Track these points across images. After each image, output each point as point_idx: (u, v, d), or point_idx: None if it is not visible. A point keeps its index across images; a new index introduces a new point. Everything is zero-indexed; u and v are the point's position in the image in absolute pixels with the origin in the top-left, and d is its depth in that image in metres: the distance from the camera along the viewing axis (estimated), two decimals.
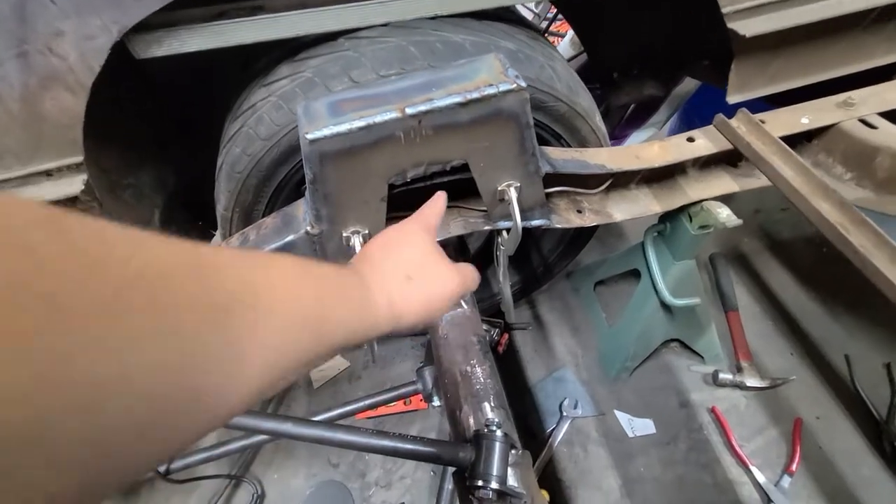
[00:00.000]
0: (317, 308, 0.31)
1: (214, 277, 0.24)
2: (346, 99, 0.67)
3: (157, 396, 0.19)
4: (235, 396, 0.24)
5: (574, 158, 0.93)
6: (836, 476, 1.20)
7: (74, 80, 0.75)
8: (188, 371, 0.21)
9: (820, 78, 1.02)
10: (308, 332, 0.29)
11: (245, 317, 0.24)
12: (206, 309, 0.22)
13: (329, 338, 0.32)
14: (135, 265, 0.19)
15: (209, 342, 0.22)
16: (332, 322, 0.32)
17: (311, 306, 0.30)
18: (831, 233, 0.77)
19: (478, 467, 0.71)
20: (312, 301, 0.31)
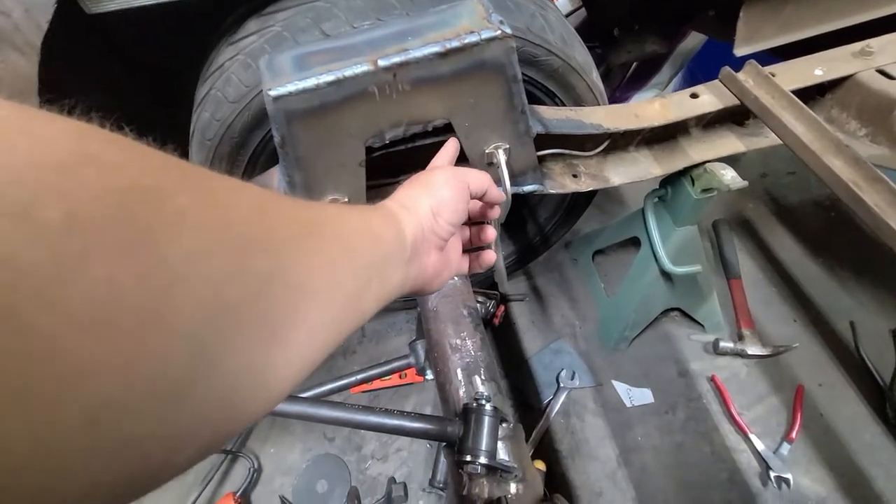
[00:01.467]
0: (362, 222, 0.35)
1: (297, 205, 0.28)
2: (313, 52, 0.61)
3: (289, 292, 0.22)
4: (340, 297, 0.28)
5: (569, 118, 0.86)
6: (837, 443, 1.18)
7: (23, 40, 0.69)
8: (300, 274, 0.24)
9: (836, 25, 0.95)
10: (367, 238, 0.33)
11: (327, 230, 0.28)
12: (301, 226, 0.26)
13: (383, 242, 0.36)
14: (258, 229, 0.22)
15: (311, 250, 0.26)
16: (378, 228, 0.36)
17: (358, 221, 0.34)
18: (844, 192, 0.72)
19: (466, 442, 0.68)
20: (358, 217, 0.34)
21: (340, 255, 0.29)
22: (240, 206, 0.22)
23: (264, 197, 0.25)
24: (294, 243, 0.24)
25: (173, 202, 0.17)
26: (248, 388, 0.20)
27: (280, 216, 0.25)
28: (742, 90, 0.87)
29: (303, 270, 0.24)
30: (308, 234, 0.27)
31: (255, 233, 0.21)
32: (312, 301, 0.25)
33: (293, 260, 0.24)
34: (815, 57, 0.93)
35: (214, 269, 0.18)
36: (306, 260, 0.25)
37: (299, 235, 0.25)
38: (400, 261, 0.38)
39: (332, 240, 0.29)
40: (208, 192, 0.20)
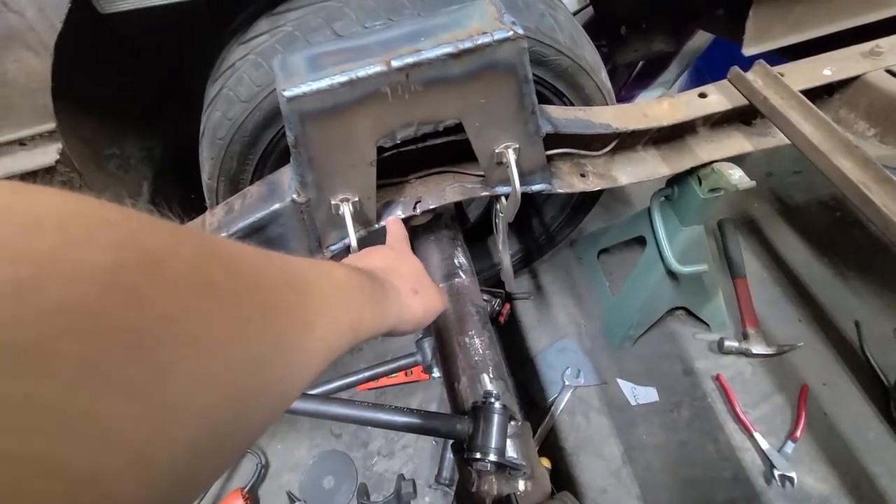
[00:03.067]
0: (357, 314, 0.36)
1: (289, 267, 0.29)
2: (326, 52, 0.61)
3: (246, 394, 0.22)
4: (300, 381, 0.28)
5: (577, 118, 0.87)
6: (841, 442, 1.19)
7: (36, 39, 0.69)
8: (269, 365, 0.24)
9: (845, 25, 0.94)
10: (349, 333, 0.35)
11: (305, 314, 0.28)
12: (289, 292, 0.27)
13: (361, 336, 0.38)
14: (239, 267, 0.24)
15: (283, 334, 0.25)
16: (365, 325, 0.38)
17: (355, 311, 0.36)
18: (852, 192, 0.72)
19: (476, 439, 0.69)
20: (356, 308, 0.37)
21: (334, 312, 0.32)
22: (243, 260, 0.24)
23: (250, 271, 0.25)
24: (267, 310, 0.25)
25: (173, 265, 0.19)
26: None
27: (261, 283, 0.25)
28: (751, 90, 0.87)
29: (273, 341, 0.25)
30: (291, 297, 0.28)
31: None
32: (284, 372, 0.26)
33: (264, 338, 0.24)
34: (823, 57, 0.93)
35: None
36: (275, 327, 0.25)
37: (278, 302, 0.26)
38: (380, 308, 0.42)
39: (317, 307, 0.30)
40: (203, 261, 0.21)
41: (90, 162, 0.91)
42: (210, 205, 0.92)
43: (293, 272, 0.29)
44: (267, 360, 0.23)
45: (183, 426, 0.17)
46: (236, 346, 0.21)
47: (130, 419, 0.15)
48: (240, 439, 0.22)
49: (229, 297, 0.21)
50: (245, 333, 0.22)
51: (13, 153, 0.80)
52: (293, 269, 0.29)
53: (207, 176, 0.87)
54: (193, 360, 0.18)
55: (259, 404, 0.23)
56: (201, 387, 0.18)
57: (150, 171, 1.14)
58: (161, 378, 0.16)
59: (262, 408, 0.24)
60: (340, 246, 0.82)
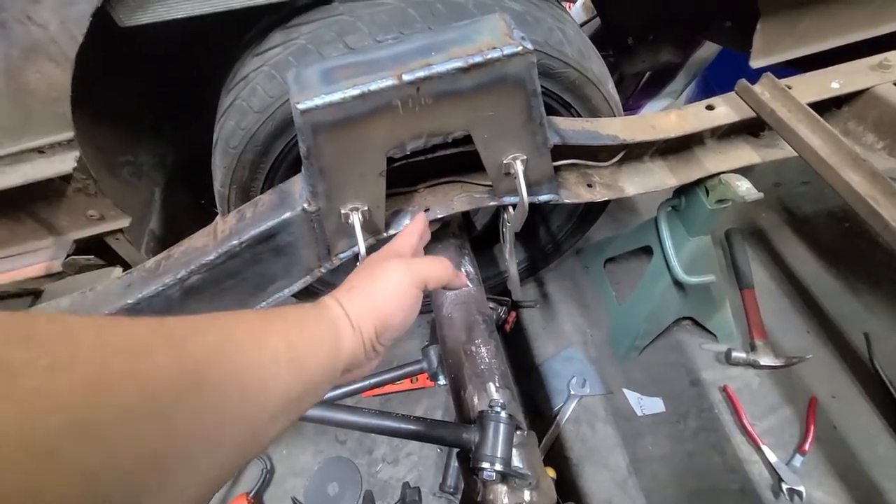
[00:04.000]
0: (287, 352, 0.33)
1: (184, 349, 0.26)
2: (339, 66, 0.63)
3: (142, 476, 0.22)
4: (221, 453, 0.27)
5: (585, 129, 0.87)
6: (851, 456, 1.17)
7: (58, 51, 0.71)
8: (166, 447, 0.23)
9: (855, 38, 0.95)
10: (285, 374, 0.32)
11: (218, 378, 0.26)
12: (180, 380, 0.24)
13: (308, 372, 0.34)
14: (102, 357, 0.21)
15: (187, 411, 0.24)
16: (307, 357, 0.35)
17: (283, 351, 0.32)
18: (861, 206, 0.72)
19: (482, 449, 0.69)
20: (284, 345, 0.33)
21: (233, 402, 0.27)
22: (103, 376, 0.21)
23: (130, 355, 0.23)
24: (156, 412, 0.22)
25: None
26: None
27: (153, 375, 0.23)
28: (758, 103, 0.88)
29: (166, 441, 0.23)
30: (185, 391, 0.24)
31: (83, 420, 0.20)
32: (179, 468, 0.24)
33: (150, 435, 0.22)
34: (831, 70, 0.93)
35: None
36: (172, 430, 0.23)
37: (168, 398, 0.23)
38: (326, 381, 0.37)
39: (222, 387, 0.26)
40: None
41: (105, 169, 0.93)
42: (221, 212, 0.94)
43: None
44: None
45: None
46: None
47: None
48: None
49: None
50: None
51: (32, 160, 0.82)
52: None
53: (219, 184, 0.89)
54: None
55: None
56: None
57: (162, 177, 1.17)
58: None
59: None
60: (349, 254, 0.83)
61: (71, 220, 0.92)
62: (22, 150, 0.80)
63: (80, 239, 0.94)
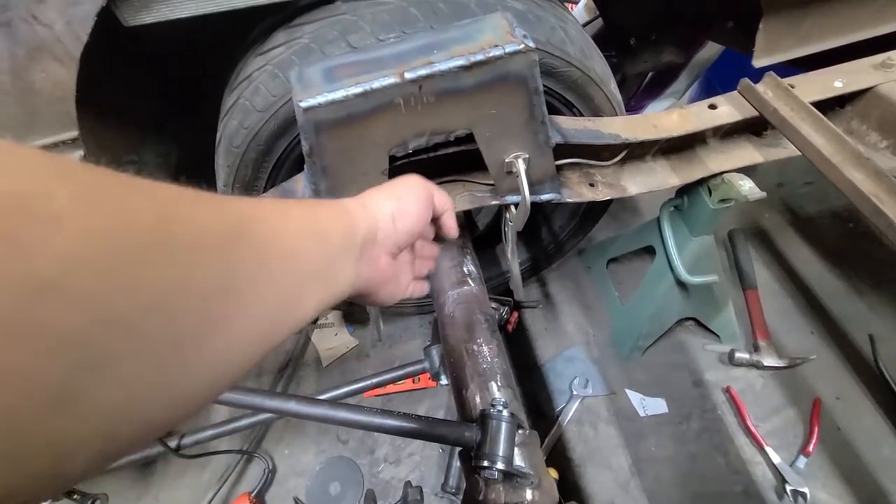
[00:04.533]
0: (310, 220, 0.34)
1: (224, 211, 0.26)
2: (341, 64, 0.63)
3: (205, 306, 0.22)
4: (250, 320, 0.26)
5: (587, 128, 0.87)
6: (855, 457, 1.17)
7: (63, 51, 0.72)
8: (224, 285, 0.23)
9: (857, 37, 0.94)
10: (312, 240, 0.33)
11: (261, 233, 0.27)
12: (229, 228, 0.25)
13: (331, 242, 0.36)
14: (160, 233, 0.21)
15: (239, 257, 0.25)
16: (327, 229, 0.36)
17: (306, 220, 0.34)
18: (864, 205, 0.71)
19: (484, 447, 0.69)
20: (307, 215, 0.34)
21: (273, 258, 0.28)
22: (141, 210, 0.20)
23: (181, 197, 0.23)
24: (213, 248, 0.23)
25: (48, 206, 0.16)
26: (149, 399, 0.20)
27: (197, 218, 0.23)
28: (761, 102, 0.88)
29: (224, 275, 0.23)
30: (234, 235, 0.25)
31: (158, 238, 0.20)
32: (233, 309, 0.24)
33: (210, 265, 0.22)
34: (834, 69, 0.93)
35: (95, 281, 0.17)
36: (228, 264, 0.24)
37: (222, 237, 0.24)
38: (349, 260, 0.38)
39: (262, 242, 0.27)
40: (97, 194, 0.19)
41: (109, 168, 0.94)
42: None
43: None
44: (166, 291, 0.21)
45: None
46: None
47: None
48: (124, 371, 0.19)
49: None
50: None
51: None
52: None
53: (223, 183, 0.89)
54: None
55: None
56: (79, 266, 0.17)
57: (167, 176, 1.17)
58: (18, 249, 0.15)
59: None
60: None
61: None
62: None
63: None
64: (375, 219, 0.41)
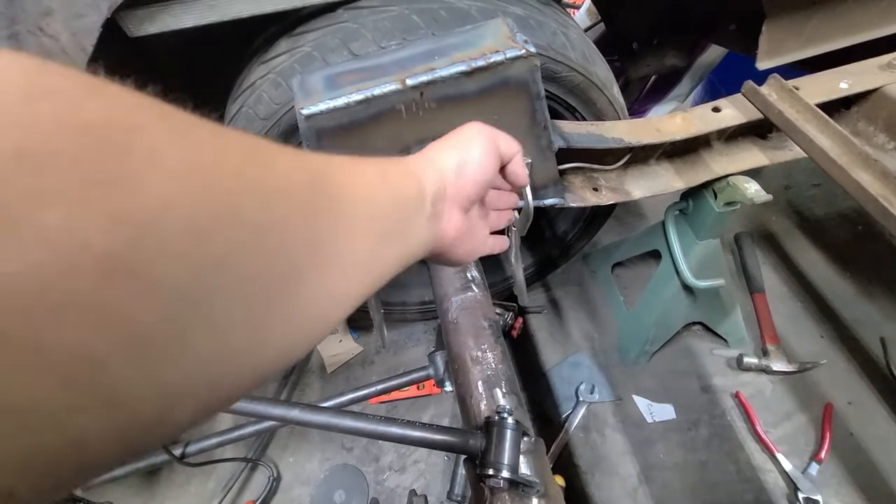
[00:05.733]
0: (378, 175, 0.32)
1: (303, 166, 0.25)
2: (343, 71, 0.63)
3: (266, 273, 0.20)
4: (341, 272, 0.25)
5: (590, 132, 0.87)
6: (869, 463, 1.14)
7: (68, 62, 0.72)
8: (293, 251, 0.21)
9: (862, 38, 0.94)
10: (382, 195, 0.31)
11: (333, 198, 0.26)
12: (313, 176, 0.24)
13: (400, 196, 0.34)
14: (249, 175, 0.20)
15: (321, 207, 0.24)
16: (393, 180, 0.33)
17: (374, 174, 0.32)
18: (872, 206, 0.71)
19: (489, 455, 0.68)
20: (373, 170, 0.32)
21: (354, 207, 0.27)
22: (229, 150, 0.19)
23: (260, 144, 0.22)
24: (296, 194, 0.22)
25: (147, 139, 0.16)
26: (247, 346, 0.19)
27: (279, 164, 0.22)
28: (766, 104, 0.87)
29: (307, 223, 0.23)
30: (313, 184, 0.24)
31: (247, 179, 0.19)
32: (321, 258, 0.23)
33: (295, 212, 0.22)
34: (840, 70, 0.92)
35: (196, 217, 0.16)
36: (311, 212, 0.23)
37: (303, 186, 0.23)
38: (421, 217, 0.36)
39: (342, 191, 0.26)
40: (190, 131, 0.18)
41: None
42: None
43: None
44: (260, 233, 0.20)
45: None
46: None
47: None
48: (224, 316, 0.18)
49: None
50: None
51: None
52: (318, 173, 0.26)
53: None
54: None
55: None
56: (178, 203, 0.16)
57: None
58: (119, 182, 0.14)
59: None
60: None
61: None
62: None
63: None
64: (441, 173, 0.39)
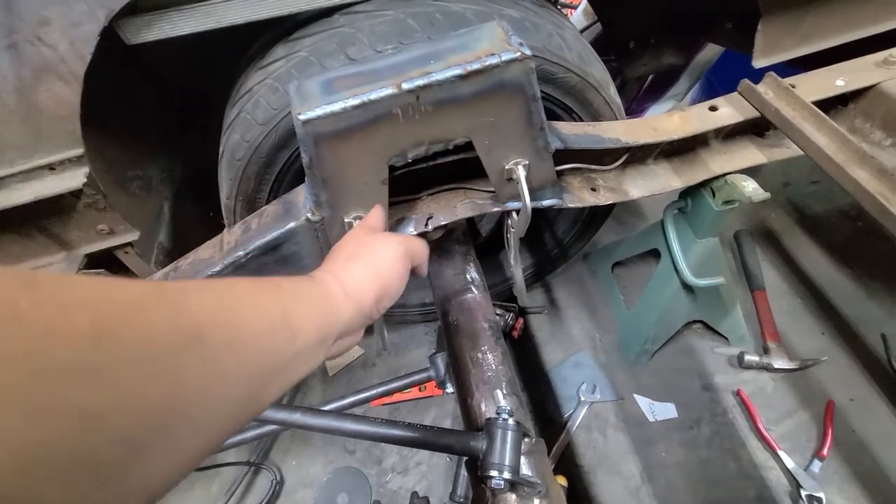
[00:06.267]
0: (281, 316, 0.34)
1: (181, 309, 0.26)
2: (339, 76, 0.63)
3: (143, 425, 0.22)
4: (207, 422, 0.26)
5: (587, 133, 0.87)
6: (871, 460, 1.14)
7: (67, 70, 0.73)
8: (167, 398, 0.23)
9: (858, 35, 0.94)
10: (280, 336, 0.33)
11: (216, 337, 0.27)
12: (179, 337, 0.25)
13: (302, 337, 0.35)
14: (102, 305, 0.21)
15: (187, 365, 0.24)
16: (300, 322, 0.35)
17: (277, 315, 0.33)
18: (870, 203, 0.71)
19: (490, 456, 0.68)
20: (278, 310, 0.34)
21: (229, 363, 0.27)
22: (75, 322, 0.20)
23: (128, 305, 0.23)
24: (156, 360, 0.23)
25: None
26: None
27: (142, 327, 0.23)
28: (762, 102, 0.87)
29: (166, 386, 0.23)
30: (184, 346, 0.25)
31: (91, 356, 0.20)
32: (179, 421, 0.24)
33: (151, 383, 0.22)
34: (836, 67, 0.92)
35: (23, 405, 0.17)
36: (172, 376, 0.23)
37: (168, 348, 0.24)
38: (320, 350, 0.38)
39: (218, 347, 0.27)
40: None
41: (114, 184, 0.95)
42: (228, 223, 0.95)
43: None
44: (96, 419, 0.20)
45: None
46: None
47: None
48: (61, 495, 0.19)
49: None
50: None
51: (43, 177, 0.84)
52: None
53: (226, 196, 0.90)
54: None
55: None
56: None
57: (171, 191, 1.18)
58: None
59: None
60: None
61: (81, 234, 0.94)
62: (33, 167, 0.82)
63: (90, 253, 0.96)
64: (359, 305, 0.43)
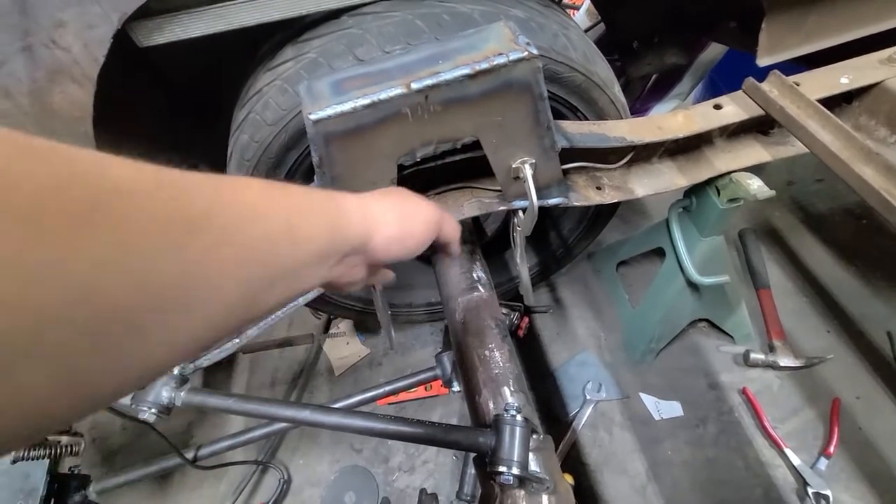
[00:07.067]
0: (285, 222, 0.31)
1: (180, 197, 0.24)
2: (349, 77, 0.64)
3: (122, 309, 0.20)
4: (205, 312, 0.25)
5: (592, 132, 0.88)
6: (878, 458, 1.14)
7: (80, 72, 0.74)
8: (150, 289, 0.21)
9: (862, 33, 0.94)
10: (280, 245, 0.31)
11: (207, 236, 0.25)
12: (168, 228, 0.23)
13: (304, 248, 0.33)
14: (100, 183, 0.20)
15: (170, 261, 0.22)
16: (304, 230, 0.33)
17: (281, 220, 0.31)
18: (876, 200, 0.71)
19: (498, 453, 0.69)
20: (282, 215, 0.31)
21: (231, 256, 0.26)
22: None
23: (143, 184, 0.22)
24: (164, 239, 0.22)
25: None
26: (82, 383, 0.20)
27: (147, 210, 0.22)
28: (767, 100, 0.88)
29: (171, 269, 0.22)
30: (189, 230, 0.24)
31: (82, 235, 0.19)
32: (176, 304, 0.23)
33: (158, 257, 0.22)
34: (840, 65, 0.93)
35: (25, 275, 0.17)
36: (178, 258, 0.23)
37: (176, 230, 0.23)
38: (324, 265, 0.36)
39: (223, 236, 0.26)
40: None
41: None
42: None
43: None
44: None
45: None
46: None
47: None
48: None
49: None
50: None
51: None
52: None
53: None
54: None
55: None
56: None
57: None
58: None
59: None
60: None
61: None
62: None
63: None
64: (370, 233, 0.41)
